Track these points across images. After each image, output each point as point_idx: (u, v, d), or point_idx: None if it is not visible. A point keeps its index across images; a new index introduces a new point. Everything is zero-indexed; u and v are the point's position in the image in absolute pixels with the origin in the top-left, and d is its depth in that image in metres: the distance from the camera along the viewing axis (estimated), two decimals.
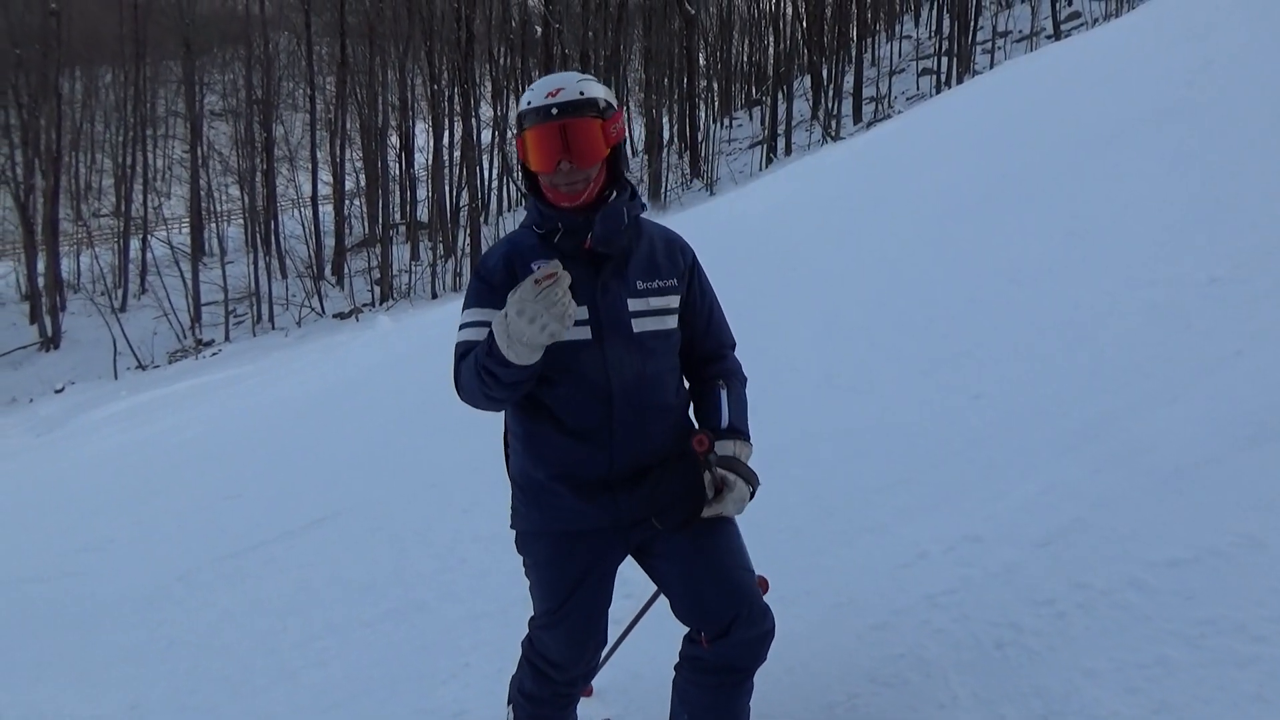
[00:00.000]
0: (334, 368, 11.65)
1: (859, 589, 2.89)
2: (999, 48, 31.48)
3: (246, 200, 35.02)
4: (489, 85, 37.47)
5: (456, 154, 34.33)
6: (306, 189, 35.34)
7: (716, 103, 42.34)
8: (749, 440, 2.23)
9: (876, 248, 6.85)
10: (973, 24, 32.53)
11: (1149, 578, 2.42)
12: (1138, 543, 2.57)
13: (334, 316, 29.14)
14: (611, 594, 2.27)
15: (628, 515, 2.15)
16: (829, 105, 34.28)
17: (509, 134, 32.01)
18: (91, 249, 34.16)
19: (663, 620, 2.40)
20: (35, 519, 7.74)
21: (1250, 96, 5.92)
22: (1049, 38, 28.04)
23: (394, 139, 35.05)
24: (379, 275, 31.06)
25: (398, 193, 35.94)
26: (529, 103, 2.09)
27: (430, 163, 33.50)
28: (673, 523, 2.15)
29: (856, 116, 32.44)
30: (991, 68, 23.73)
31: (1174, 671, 2.14)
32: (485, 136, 36.59)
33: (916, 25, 40.03)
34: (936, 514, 3.20)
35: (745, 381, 2.33)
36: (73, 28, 35.76)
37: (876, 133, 14.31)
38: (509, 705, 2.44)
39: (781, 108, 33.77)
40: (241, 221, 36.64)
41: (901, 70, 35.61)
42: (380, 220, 32.85)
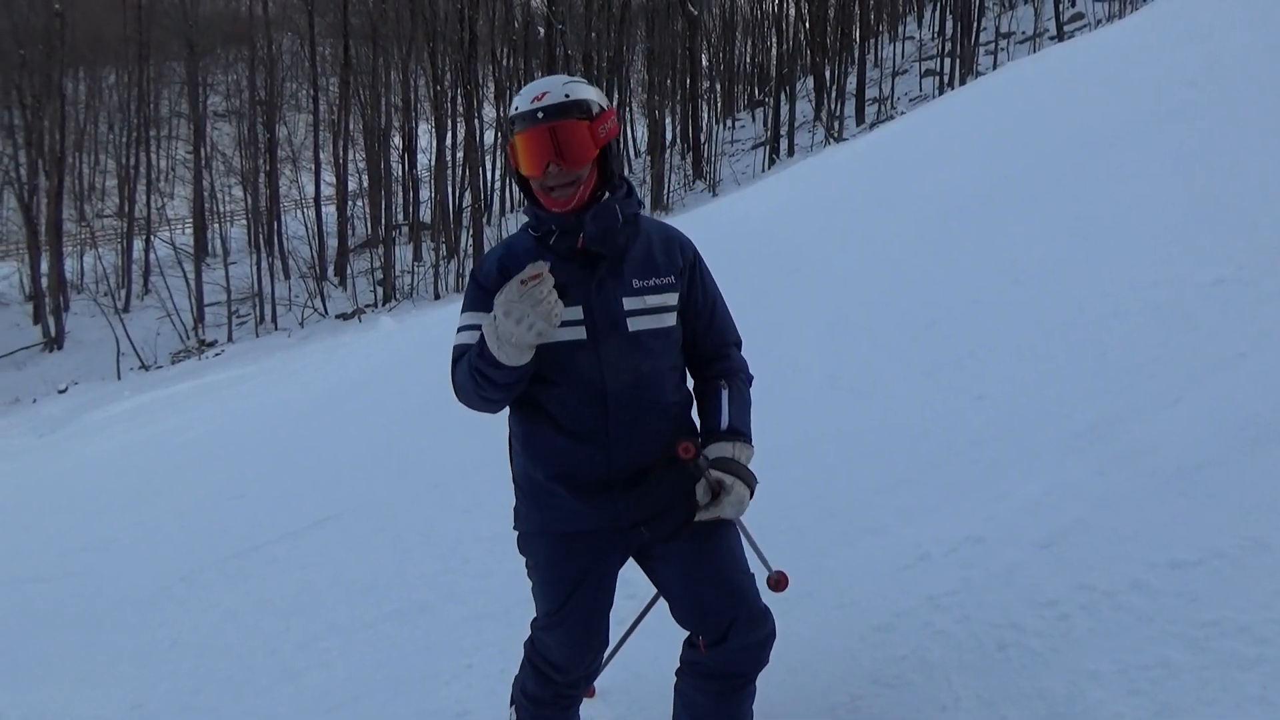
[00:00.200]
0: (337, 368, 11.66)
1: (861, 590, 2.89)
2: (1002, 49, 31.44)
3: (250, 201, 35.08)
4: (492, 86, 37.52)
5: (459, 155, 34.36)
6: (309, 190, 35.38)
7: (719, 104, 42.33)
8: (749, 441, 2.21)
9: (879, 249, 6.84)
10: (975, 25, 32.51)
11: (1152, 579, 2.42)
12: (1140, 544, 2.56)
13: (337, 317, 29.17)
14: (613, 596, 2.27)
15: (626, 517, 2.15)
16: (832, 106, 34.27)
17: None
18: (95, 249, 34.22)
19: (665, 621, 2.40)
20: (38, 519, 7.75)
21: (1254, 97, 5.91)
22: (1052, 39, 28.01)
23: (397, 140, 35.08)
24: (382, 276, 31.10)
25: (400, 193, 35.95)
26: (516, 108, 2.11)
27: (433, 163, 33.53)
28: (664, 531, 2.15)
29: (859, 118, 32.42)
30: (994, 69, 23.71)
31: (1177, 673, 2.13)
32: (488, 137, 36.63)
33: (919, 26, 39.98)
34: (939, 515, 3.19)
35: (750, 380, 2.31)
36: (76, 28, 35.81)
37: (879, 134, 14.30)
38: (511, 706, 2.44)
39: (784, 109, 33.75)
40: (244, 222, 36.70)
41: (904, 71, 35.57)
42: (383, 221, 32.88)
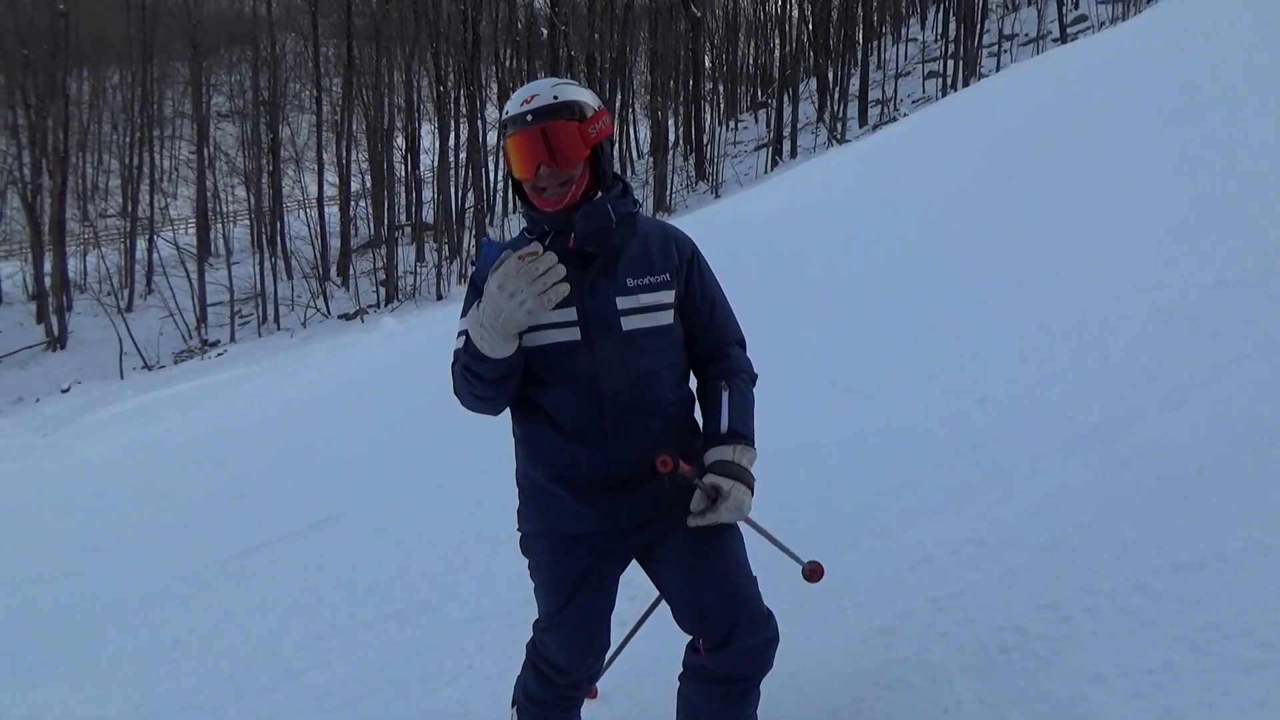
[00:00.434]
0: (339, 369, 11.66)
1: (863, 592, 2.88)
2: (1005, 51, 31.42)
3: (253, 201, 35.15)
4: (495, 87, 37.53)
5: (462, 155, 34.39)
6: (312, 190, 35.40)
7: (722, 105, 42.35)
8: (751, 444, 2.19)
9: (882, 251, 6.84)
10: (979, 27, 32.50)
11: (1155, 582, 2.41)
12: (1144, 547, 2.56)
13: (339, 317, 29.20)
14: (614, 598, 2.27)
15: (627, 520, 2.15)
16: (834, 108, 34.28)
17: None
18: (98, 249, 34.32)
19: (667, 623, 2.40)
20: (40, 519, 7.76)
21: (1257, 99, 5.91)
22: (1055, 41, 27.99)
23: (400, 140, 35.12)
24: (384, 276, 31.13)
25: (403, 194, 35.98)
26: (508, 112, 2.13)
27: (436, 164, 33.57)
28: (665, 533, 2.15)
29: (862, 119, 32.43)
30: (997, 71, 23.69)
31: (1180, 677, 2.13)
32: (491, 138, 36.65)
33: (922, 28, 39.97)
34: (941, 517, 3.19)
35: (754, 379, 2.29)
36: (80, 28, 35.85)
37: (882, 136, 14.30)
38: (513, 707, 2.44)
39: (787, 110, 33.75)
40: (247, 222, 36.79)
41: (907, 73, 35.57)
42: (386, 221, 32.90)
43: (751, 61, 46.28)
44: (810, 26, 37.24)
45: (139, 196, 35.39)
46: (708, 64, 40.77)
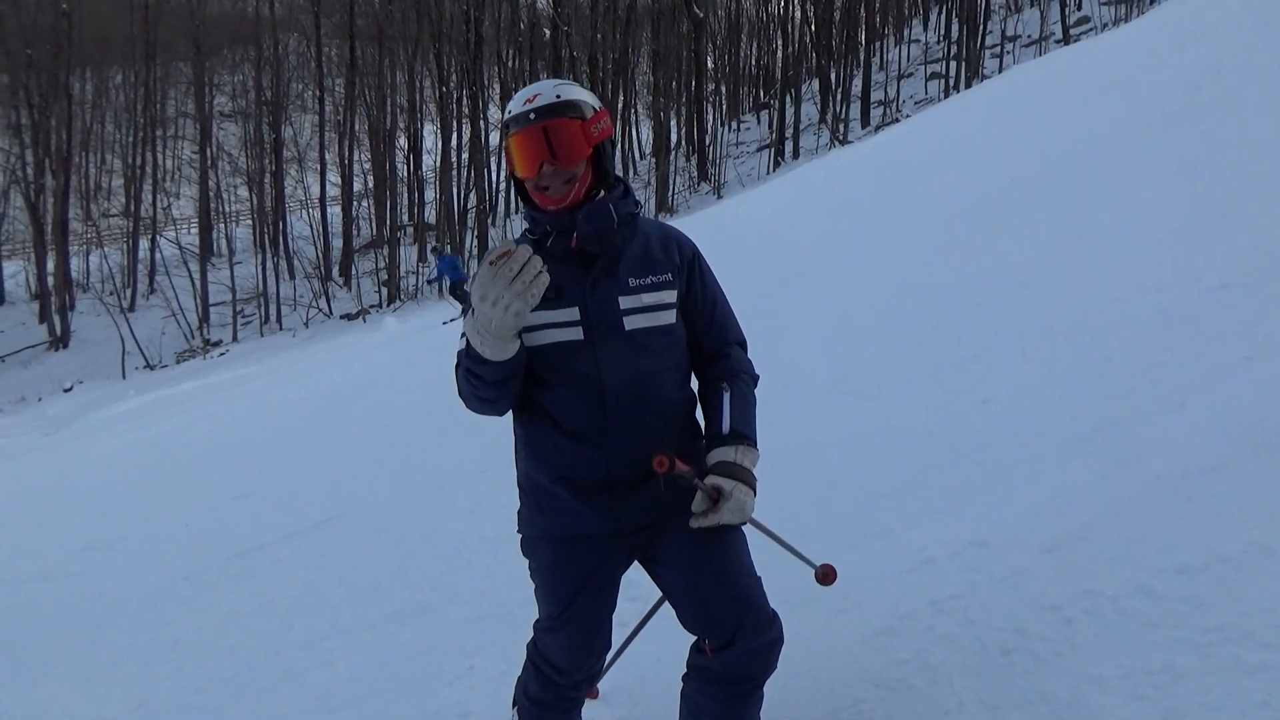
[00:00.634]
0: (340, 369, 11.67)
1: (865, 594, 2.88)
2: (1008, 52, 31.44)
3: (255, 201, 35.19)
4: (497, 87, 37.59)
5: (464, 156, 34.42)
6: (315, 190, 35.45)
7: (724, 106, 42.37)
8: (754, 444, 2.18)
9: (884, 252, 6.84)
10: (981, 28, 32.51)
11: (1157, 584, 2.41)
12: (1145, 549, 2.56)
13: (341, 317, 29.23)
14: (616, 599, 2.26)
15: (628, 521, 2.14)
16: (837, 109, 34.30)
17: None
18: (101, 249, 34.37)
19: (668, 624, 2.39)
20: (41, 518, 7.77)
21: (1260, 101, 5.91)
22: (1058, 42, 27.99)
23: (402, 141, 35.16)
24: (386, 276, 31.16)
25: (405, 194, 36.02)
26: (510, 112, 2.12)
27: (438, 164, 33.59)
28: (667, 535, 2.15)
29: (864, 120, 32.44)
30: (1000, 72, 23.69)
31: (1181, 679, 2.12)
32: (493, 138, 36.65)
33: (925, 29, 39.99)
34: (943, 519, 3.19)
35: (755, 380, 2.29)
36: (83, 28, 35.90)
37: (884, 137, 14.30)
38: (514, 708, 2.44)
39: (789, 111, 33.76)
40: (250, 222, 36.83)
41: (910, 74, 35.59)
42: (388, 222, 32.95)
43: (754, 62, 46.31)
44: (813, 27, 37.26)
45: (142, 196, 35.44)
46: (710, 65, 40.78)
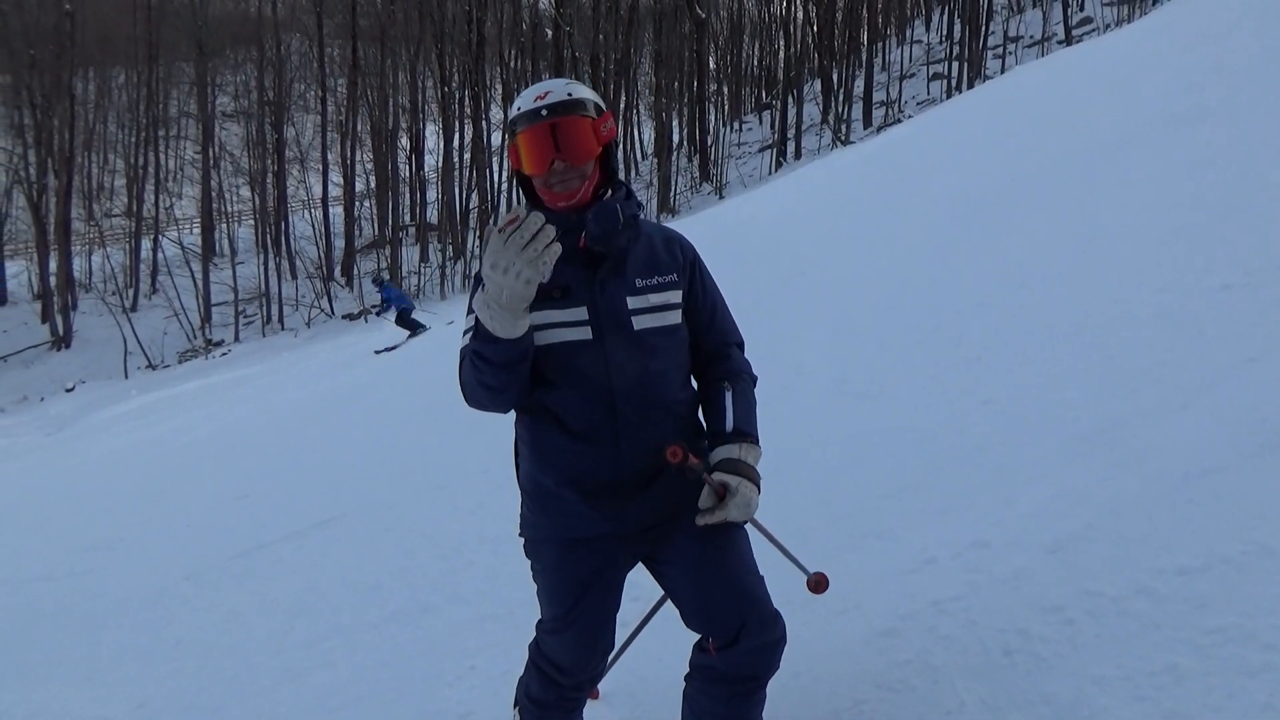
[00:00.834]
0: (341, 369, 11.67)
1: (866, 594, 2.88)
2: (1010, 52, 31.43)
3: (257, 201, 35.24)
4: (500, 88, 37.60)
5: (466, 156, 34.44)
6: (317, 190, 35.51)
7: (726, 106, 42.37)
8: (756, 442, 2.19)
9: (886, 252, 6.84)
10: (984, 29, 32.50)
11: (1158, 585, 2.40)
12: (1147, 549, 2.55)
13: (343, 317, 29.28)
14: (620, 600, 2.26)
15: (636, 522, 2.14)
16: (839, 109, 34.29)
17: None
18: (103, 249, 34.42)
19: (670, 623, 2.39)
20: (43, 518, 7.78)
21: (1262, 102, 5.90)
22: (1060, 43, 27.97)
23: (404, 141, 35.21)
24: (388, 277, 31.17)
25: (408, 194, 36.05)
26: (519, 108, 2.10)
27: (440, 165, 33.63)
28: (673, 535, 2.14)
29: (867, 121, 32.43)
30: (1002, 72, 23.68)
31: (1183, 680, 2.12)
32: (495, 139, 36.67)
33: (927, 30, 39.98)
34: (945, 519, 3.18)
35: (754, 380, 2.30)
36: (86, 29, 35.99)
37: (886, 137, 14.30)
38: (515, 708, 2.44)
39: (791, 112, 33.75)
40: (252, 222, 36.87)
41: (912, 75, 35.58)
42: (390, 222, 32.98)
43: (756, 63, 46.30)
44: (815, 28, 37.25)
45: (144, 196, 35.49)
46: (712, 65, 40.79)
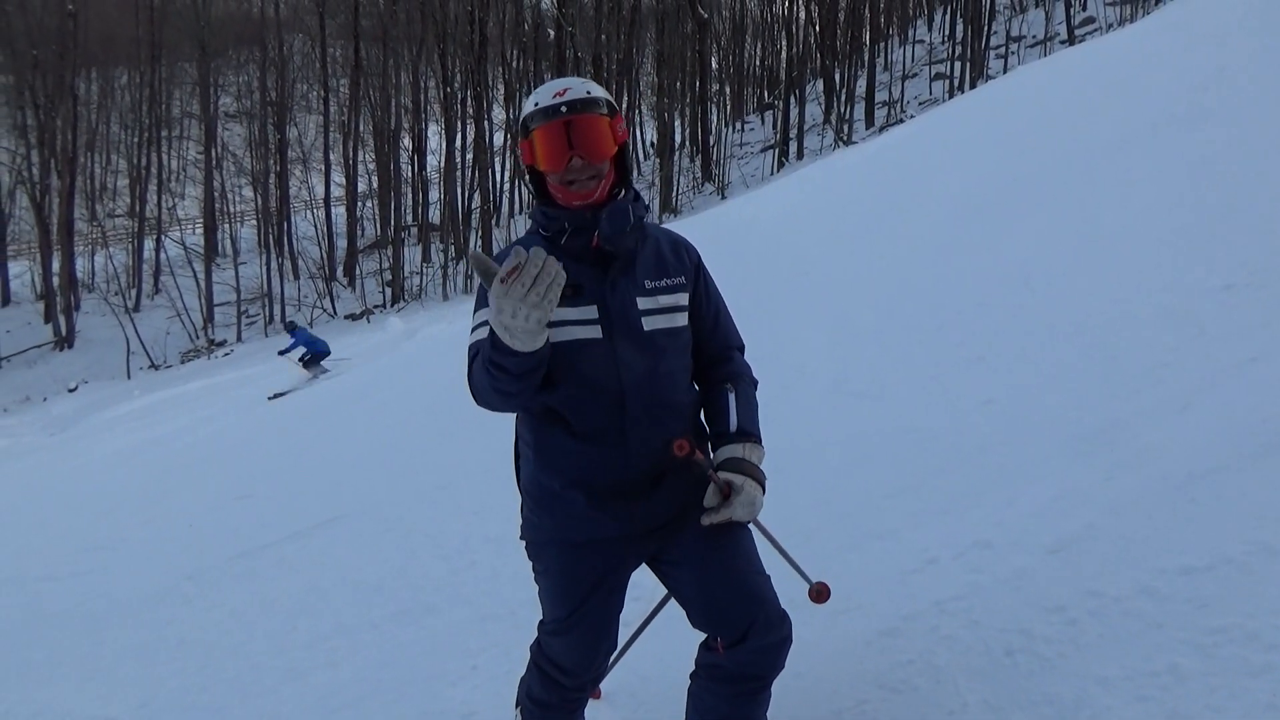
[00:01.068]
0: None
1: (868, 595, 2.88)
2: (1013, 52, 31.41)
3: (260, 202, 35.28)
4: (502, 88, 37.63)
5: (469, 156, 34.46)
6: (319, 190, 35.55)
7: (728, 106, 42.35)
8: (759, 442, 2.20)
9: (888, 252, 6.83)
10: (986, 29, 32.49)
11: (1161, 585, 2.40)
12: (1150, 550, 2.55)
13: (346, 317, 29.30)
14: (623, 601, 2.26)
15: (642, 523, 2.14)
16: (841, 109, 34.28)
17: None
18: (106, 249, 34.46)
19: (672, 623, 2.39)
20: (46, 518, 7.79)
21: (1264, 102, 5.89)
22: (1063, 43, 27.94)
23: (406, 141, 35.22)
24: (390, 277, 31.21)
25: (410, 194, 36.07)
26: (536, 104, 2.09)
27: (442, 165, 33.64)
28: (678, 535, 2.14)
29: (869, 121, 32.42)
30: (1005, 72, 23.67)
31: (1186, 680, 2.12)
32: (497, 139, 36.72)
33: (930, 30, 39.96)
34: (946, 520, 3.18)
35: (755, 384, 2.30)
36: (89, 29, 36.05)
37: (889, 137, 14.29)
38: (517, 708, 2.44)
39: (794, 112, 33.75)
40: (254, 222, 36.92)
41: (914, 75, 35.56)
42: (392, 222, 33.00)
43: (758, 63, 46.29)
44: (817, 28, 37.24)
45: (147, 197, 35.54)
46: (714, 65, 40.77)
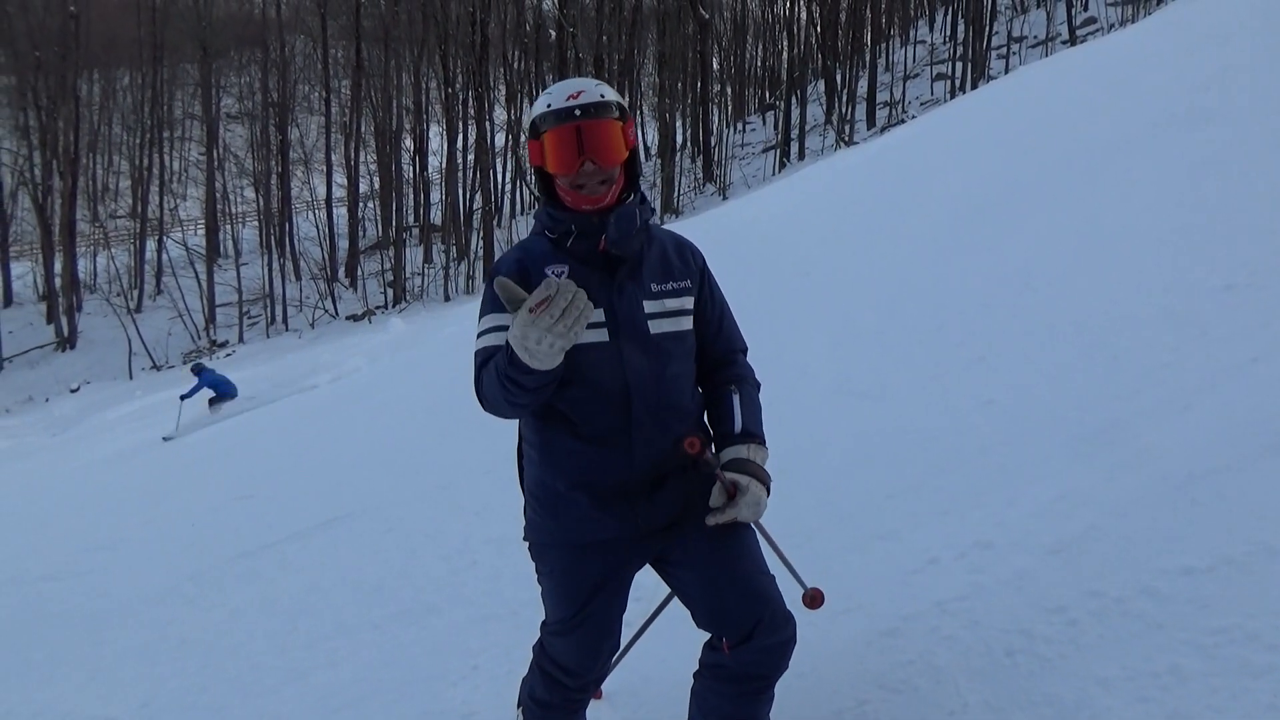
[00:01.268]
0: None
1: (869, 595, 2.88)
2: (1014, 53, 31.38)
3: (261, 202, 35.29)
4: (503, 89, 37.62)
5: (470, 157, 34.47)
6: (321, 191, 35.56)
7: (730, 107, 42.35)
8: (764, 443, 2.21)
9: (889, 253, 6.83)
10: (988, 29, 32.48)
11: (1162, 586, 2.40)
12: (1151, 550, 2.55)
13: (347, 318, 29.31)
14: (626, 602, 2.26)
15: (647, 524, 2.14)
16: (843, 110, 34.28)
17: (522, 137, 32.39)
18: (108, 250, 34.49)
19: (674, 624, 2.39)
20: (48, 518, 7.80)
21: (1266, 103, 5.88)
22: (1064, 43, 27.93)
23: (408, 142, 35.24)
24: (392, 278, 31.22)
25: (411, 195, 36.09)
26: (548, 105, 2.07)
27: (444, 166, 33.67)
28: (683, 535, 2.14)
29: (870, 121, 32.42)
30: (1006, 73, 23.67)
31: (1187, 680, 2.12)
32: (499, 140, 36.72)
33: (931, 30, 39.93)
34: (948, 520, 3.18)
35: (758, 386, 2.31)
36: (91, 31, 36.09)
37: (890, 138, 14.27)
38: (518, 708, 2.44)
39: (795, 112, 33.75)
40: (256, 223, 36.92)
41: (916, 75, 35.54)
42: (394, 223, 33.02)
43: (759, 63, 46.27)
44: (818, 28, 37.24)
45: (148, 198, 35.57)
46: (716, 66, 40.78)
